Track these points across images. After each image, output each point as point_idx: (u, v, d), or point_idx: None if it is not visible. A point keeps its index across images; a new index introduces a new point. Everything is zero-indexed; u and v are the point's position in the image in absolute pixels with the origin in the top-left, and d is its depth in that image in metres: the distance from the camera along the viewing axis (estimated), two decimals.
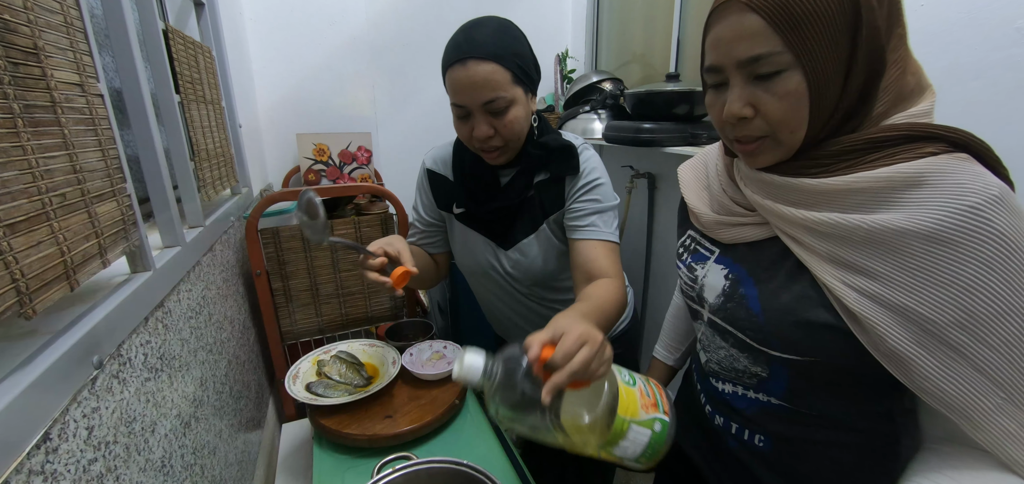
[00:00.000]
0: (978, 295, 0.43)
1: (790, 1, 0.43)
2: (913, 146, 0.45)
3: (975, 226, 0.42)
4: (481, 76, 0.73)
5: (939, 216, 0.43)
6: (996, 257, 0.42)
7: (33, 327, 0.47)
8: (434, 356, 1.07)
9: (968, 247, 0.42)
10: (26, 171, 0.41)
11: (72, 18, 0.51)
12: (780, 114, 0.47)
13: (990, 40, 0.91)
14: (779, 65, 0.45)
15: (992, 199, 0.42)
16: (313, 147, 1.88)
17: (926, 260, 0.44)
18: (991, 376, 0.44)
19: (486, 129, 0.77)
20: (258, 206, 1.13)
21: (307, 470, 0.96)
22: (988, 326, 0.43)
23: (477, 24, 0.76)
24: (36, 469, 0.38)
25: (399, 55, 2.13)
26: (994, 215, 0.42)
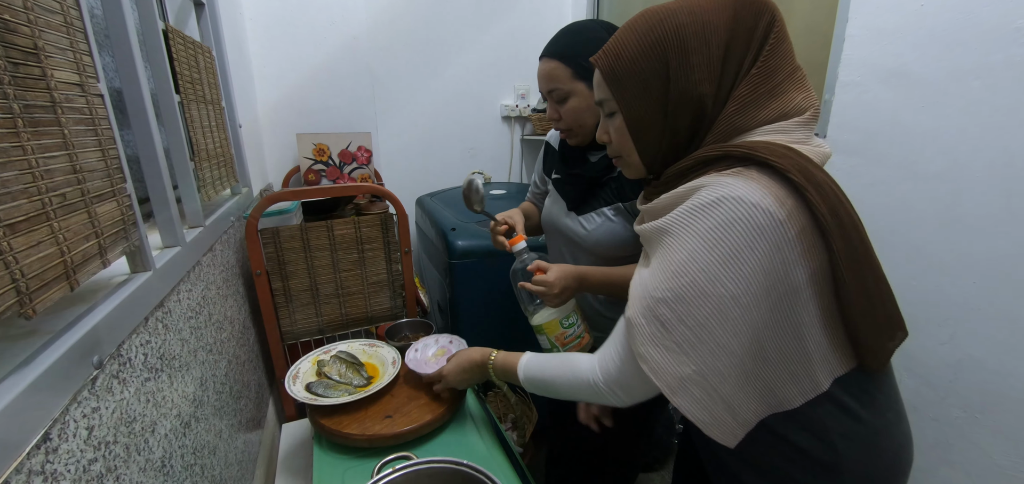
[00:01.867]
0: (681, 279, 0.52)
1: (614, 66, 0.59)
2: (700, 170, 0.56)
3: (688, 222, 0.52)
4: (544, 71, 0.92)
5: (673, 215, 0.54)
6: (699, 249, 0.51)
7: (33, 327, 0.47)
8: (439, 352, 1.06)
9: (681, 238, 0.53)
10: (26, 171, 0.41)
11: (72, 18, 0.51)
12: (616, 141, 0.64)
13: (990, 40, 0.91)
14: (611, 108, 0.63)
15: (711, 201, 0.51)
16: (313, 147, 1.88)
17: (658, 246, 0.56)
18: (685, 350, 0.53)
19: (553, 113, 0.95)
20: (258, 206, 1.13)
21: (307, 470, 0.96)
22: (687, 306, 0.52)
23: (564, 28, 0.94)
24: (36, 469, 0.38)
25: (399, 55, 2.12)
26: (706, 214, 0.51)
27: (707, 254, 0.50)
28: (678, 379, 0.54)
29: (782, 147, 0.52)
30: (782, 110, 0.55)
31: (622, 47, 0.59)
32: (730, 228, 0.50)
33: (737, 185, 0.50)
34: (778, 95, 0.55)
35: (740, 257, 0.50)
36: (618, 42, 0.59)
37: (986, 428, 1.02)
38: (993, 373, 0.99)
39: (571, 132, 0.96)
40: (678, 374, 0.53)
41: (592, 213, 0.96)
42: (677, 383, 0.54)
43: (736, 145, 0.54)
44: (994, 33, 0.90)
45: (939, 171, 1.02)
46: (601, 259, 0.97)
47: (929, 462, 1.13)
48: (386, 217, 1.29)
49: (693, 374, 0.53)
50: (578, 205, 0.99)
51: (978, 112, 0.94)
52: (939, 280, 1.05)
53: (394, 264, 1.33)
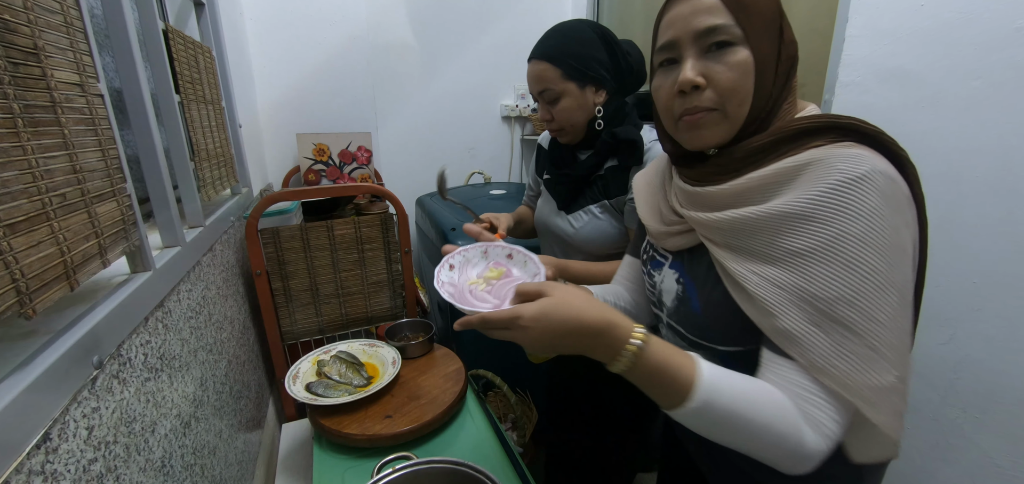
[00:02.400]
0: (861, 270, 0.44)
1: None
2: (802, 141, 0.49)
3: (843, 202, 0.45)
4: (535, 72, 0.93)
5: (810, 195, 0.46)
6: (869, 233, 0.44)
7: (33, 327, 0.47)
8: (492, 273, 0.66)
9: (840, 223, 0.45)
10: (26, 171, 0.41)
11: (72, 18, 0.51)
12: (730, 83, 0.51)
13: (990, 40, 0.91)
14: (731, 36, 0.50)
15: (858, 177, 0.44)
16: (313, 147, 1.88)
17: (806, 238, 0.46)
18: (883, 353, 0.45)
19: (545, 113, 0.96)
20: (258, 206, 1.13)
21: (307, 470, 0.96)
22: (874, 301, 0.44)
23: (550, 29, 0.94)
24: (36, 469, 0.38)
25: (399, 55, 2.12)
26: (860, 193, 0.44)
27: (878, 236, 0.44)
28: (877, 390, 0.45)
29: (860, 120, 0.50)
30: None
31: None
32: (889, 204, 0.44)
33: (870, 157, 0.45)
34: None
35: (901, 236, 0.45)
36: None
37: (986, 428, 1.02)
38: (993, 373, 0.99)
39: (563, 131, 0.96)
40: (877, 385, 0.45)
41: (580, 211, 0.98)
42: (876, 395, 0.45)
43: (840, 117, 0.49)
44: (994, 33, 0.90)
45: (939, 171, 1.02)
46: (590, 256, 0.98)
47: (929, 462, 1.13)
48: (386, 217, 1.29)
49: (896, 381, 0.45)
50: (568, 204, 1.00)
51: (978, 112, 0.94)
52: (939, 280, 1.05)
53: (394, 264, 1.33)
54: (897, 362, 0.45)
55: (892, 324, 0.44)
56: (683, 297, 0.62)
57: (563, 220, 1.00)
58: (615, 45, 0.94)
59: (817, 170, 0.46)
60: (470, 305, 0.56)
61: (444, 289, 0.61)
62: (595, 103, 0.94)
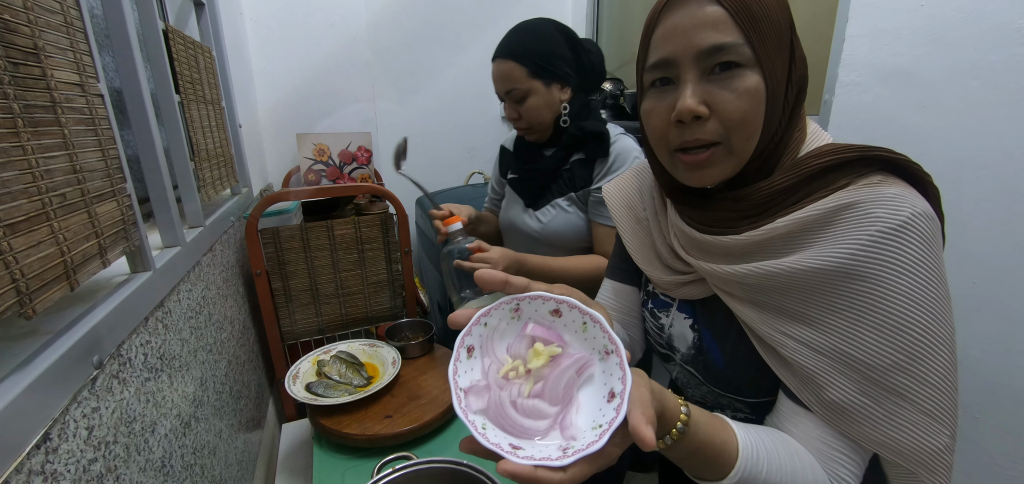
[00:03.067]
0: (912, 332, 0.40)
1: (753, 7, 0.42)
2: (828, 181, 0.44)
3: (889, 256, 0.40)
4: (501, 72, 0.93)
5: (850, 249, 0.41)
6: (917, 288, 0.40)
7: (33, 327, 0.47)
8: (540, 354, 0.40)
9: (889, 280, 0.40)
10: (26, 171, 0.41)
11: (72, 18, 0.51)
12: (739, 113, 0.43)
13: (990, 40, 0.91)
14: (741, 57, 0.42)
15: (900, 225, 0.39)
16: (313, 147, 1.88)
17: (851, 300, 0.41)
18: (938, 416, 0.41)
19: (512, 112, 0.96)
20: (258, 206, 1.13)
21: (307, 470, 0.96)
22: (927, 363, 0.41)
23: (513, 28, 0.94)
24: (36, 469, 0.38)
25: (399, 55, 2.12)
26: (905, 243, 0.40)
27: (928, 291, 0.40)
28: (934, 453, 0.42)
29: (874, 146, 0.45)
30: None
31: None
32: (932, 249, 0.40)
33: (907, 196, 0.41)
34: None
35: (944, 284, 0.41)
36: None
37: (986, 428, 1.02)
38: (993, 373, 0.99)
39: (531, 129, 0.97)
40: (933, 447, 0.42)
41: (548, 206, 0.99)
42: (934, 459, 0.42)
43: (862, 147, 0.43)
44: (994, 33, 0.90)
45: (939, 171, 1.01)
46: (559, 250, 0.99)
47: None
48: (386, 217, 1.29)
49: (949, 441, 0.42)
50: (535, 200, 1.02)
51: (978, 112, 0.94)
52: None
53: (394, 264, 1.33)
54: (950, 421, 0.42)
55: (944, 384, 0.41)
56: (701, 347, 0.56)
57: (530, 217, 1.01)
58: (577, 43, 0.95)
59: (853, 217, 0.41)
60: (520, 434, 0.37)
61: (469, 410, 0.38)
62: (561, 100, 0.95)
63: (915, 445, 0.42)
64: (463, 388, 0.39)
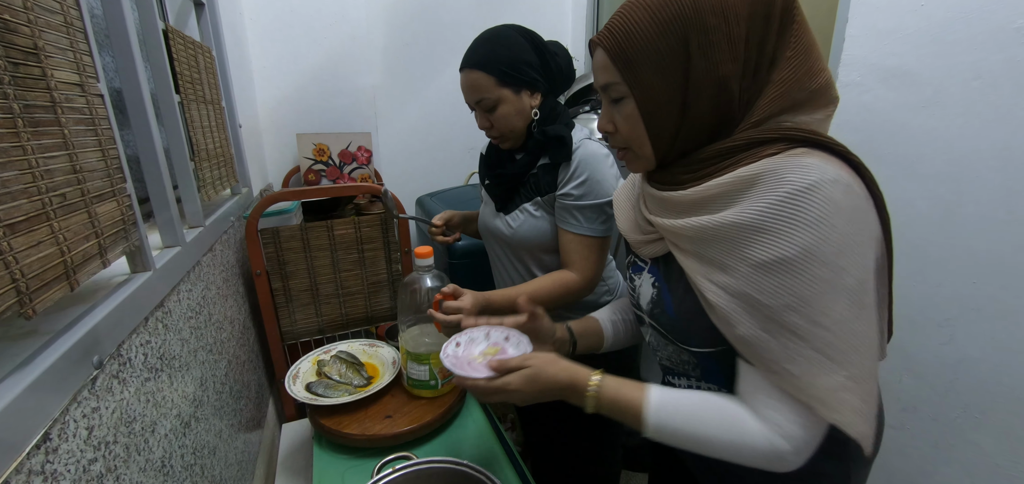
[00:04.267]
0: (803, 278, 0.47)
1: (624, 44, 0.53)
2: (757, 150, 0.51)
3: (791, 213, 0.46)
4: (469, 82, 0.93)
5: (761, 206, 0.48)
6: (814, 242, 0.46)
7: (33, 327, 0.47)
8: (490, 350, 0.76)
9: (788, 233, 0.47)
10: (26, 171, 0.41)
11: (72, 18, 0.51)
12: (627, 132, 0.58)
13: (990, 40, 0.91)
14: (620, 93, 0.56)
15: (807, 186, 0.46)
16: (313, 147, 1.88)
17: (757, 249, 0.49)
18: (830, 356, 0.47)
19: (483, 121, 0.96)
20: (258, 206, 1.13)
21: (307, 470, 0.96)
22: (818, 307, 0.47)
23: (479, 37, 0.94)
24: (36, 469, 0.38)
25: (399, 55, 2.12)
26: (808, 202, 0.46)
27: (823, 244, 0.46)
28: (830, 390, 0.48)
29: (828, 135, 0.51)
30: (820, 91, 0.52)
31: (632, 25, 0.53)
32: (838, 212, 0.46)
33: (820, 165, 0.47)
34: (816, 74, 0.52)
35: (854, 241, 0.46)
36: (627, 19, 0.53)
37: (986, 428, 1.02)
38: (993, 373, 0.99)
39: (503, 138, 0.98)
40: (829, 385, 0.48)
41: (516, 211, 0.99)
42: (831, 395, 0.48)
43: (793, 127, 0.50)
44: (994, 33, 0.91)
45: (939, 171, 1.02)
46: (528, 253, 1.01)
47: (929, 462, 1.13)
48: (386, 217, 1.29)
49: (846, 380, 0.47)
50: (505, 204, 1.02)
51: (978, 112, 0.94)
52: (939, 280, 1.05)
53: (394, 264, 1.33)
54: (847, 362, 0.47)
55: (839, 328, 0.47)
56: (658, 300, 0.65)
57: (501, 221, 1.02)
58: (543, 47, 0.95)
59: (770, 181, 0.48)
60: (467, 372, 0.66)
61: (448, 361, 0.70)
62: (531, 106, 0.95)
63: (809, 380, 0.48)
64: (448, 353, 0.70)
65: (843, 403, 0.48)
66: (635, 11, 0.53)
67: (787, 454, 0.52)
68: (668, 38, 0.51)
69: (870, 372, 0.49)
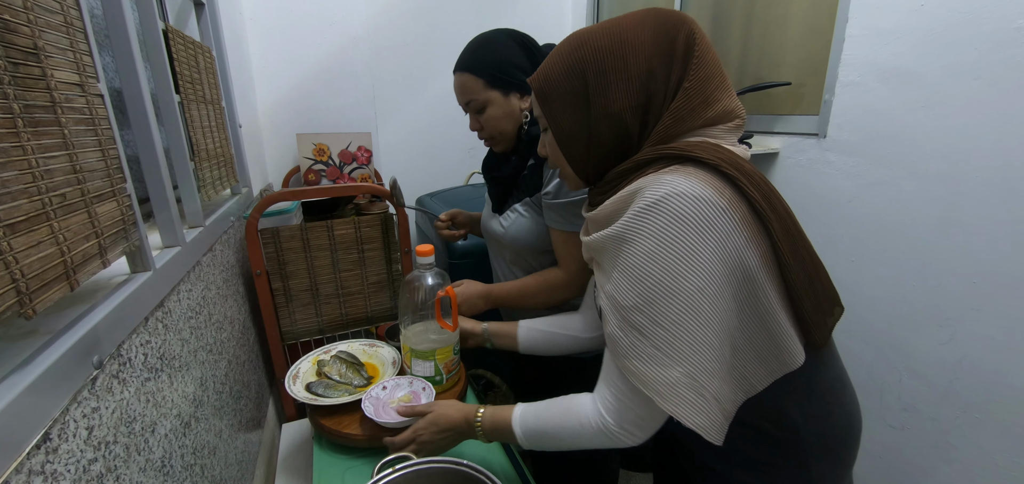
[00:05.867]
0: (646, 282, 0.53)
1: (542, 85, 0.63)
2: (640, 171, 0.57)
3: (640, 224, 0.53)
4: (458, 84, 0.96)
5: (626, 219, 0.55)
6: (655, 250, 0.52)
7: (33, 327, 0.47)
8: (405, 398, 0.93)
9: (638, 242, 0.53)
10: (26, 171, 0.41)
11: (72, 18, 0.51)
12: (552, 156, 0.68)
13: (990, 40, 0.91)
14: (543, 125, 0.67)
15: (655, 200, 0.52)
16: (313, 147, 1.88)
17: (618, 256, 0.56)
18: (668, 353, 0.52)
19: (474, 123, 0.99)
20: (258, 206, 1.13)
21: (307, 470, 0.96)
22: (658, 308, 0.52)
23: (471, 41, 0.97)
24: (36, 469, 0.38)
25: (399, 55, 2.12)
26: (653, 214, 0.52)
27: (664, 252, 0.51)
28: (667, 385, 0.53)
29: (711, 145, 0.56)
30: (716, 116, 0.57)
31: (549, 68, 0.62)
32: (680, 223, 0.51)
33: (676, 181, 0.52)
34: (712, 103, 0.57)
35: (695, 249, 0.51)
36: (548, 63, 0.63)
37: (986, 428, 1.02)
38: (993, 373, 0.99)
39: (494, 139, 1.00)
40: (665, 379, 0.53)
41: (508, 211, 1.01)
42: (667, 389, 0.53)
43: (670, 147, 0.56)
44: (994, 33, 0.91)
45: (939, 171, 1.02)
46: (520, 253, 1.02)
47: (929, 462, 1.13)
48: (386, 217, 1.29)
49: (681, 376, 0.52)
50: (500, 206, 1.04)
51: (978, 112, 0.94)
52: (939, 280, 1.05)
53: (394, 264, 1.33)
54: (683, 360, 0.52)
55: (676, 328, 0.52)
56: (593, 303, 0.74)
57: (495, 222, 1.04)
58: (535, 50, 0.96)
59: (635, 197, 0.55)
60: (381, 418, 0.85)
61: (367, 401, 0.88)
62: (522, 109, 0.96)
63: (649, 374, 0.54)
64: (371, 394, 0.92)
65: (677, 395, 0.53)
66: (553, 56, 0.62)
67: (611, 428, 0.60)
68: (572, 80, 0.60)
69: (708, 370, 0.52)
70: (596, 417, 0.61)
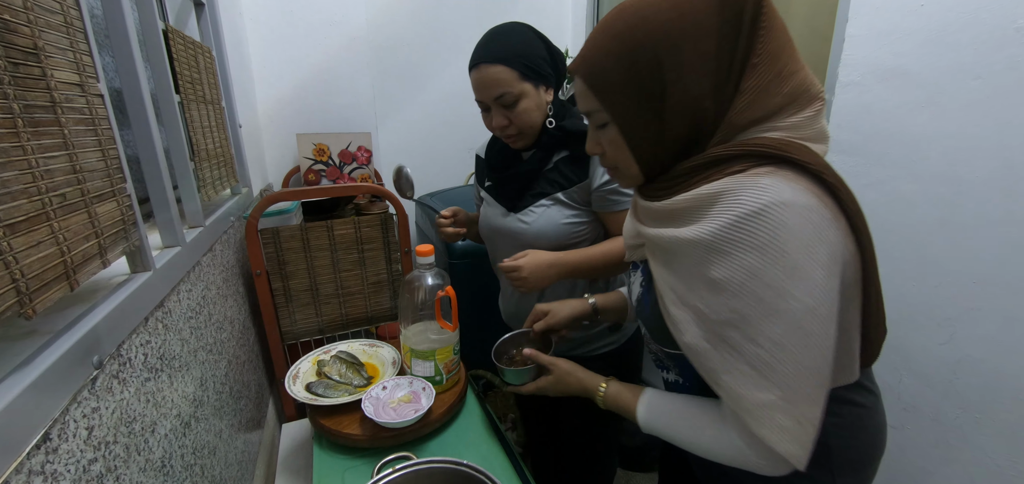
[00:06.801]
0: (745, 298, 0.48)
1: (599, 74, 0.54)
2: (722, 168, 0.51)
3: (741, 235, 0.47)
4: (491, 77, 0.89)
5: (716, 226, 0.49)
6: (759, 265, 0.46)
7: (33, 327, 0.47)
8: (405, 398, 0.93)
9: (735, 255, 0.48)
10: (26, 171, 0.41)
11: (72, 18, 0.51)
12: (611, 156, 0.60)
13: (990, 40, 0.91)
14: (602, 120, 0.57)
15: (758, 209, 0.46)
16: (313, 147, 1.88)
17: (706, 266, 0.50)
18: (765, 374, 0.48)
19: (501, 120, 0.93)
20: (258, 206, 1.13)
21: (307, 470, 0.96)
22: (757, 327, 0.48)
23: (491, 33, 0.93)
24: (36, 469, 0.38)
25: (399, 55, 2.12)
26: (756, 225, 0.46)
27: (770, 268, 0.46)
28: (760, 406, 0.48)
29: (801, 145, 0.49)
30: (793, 93, 0.50)
31: (603, 53, 0.53)
32: (789, 236, 0.45)
33: (779, 187, 0.46)
34: (787, 77, 0.50)
35: (806, 265, 0.46)
36: (599, 47, 0.54)
37: (986, 428, 1.02)
38: (992, 373, 0.99)
39: (521, 134, 0.94)
40: (759, 400, 0.48)
41: (530, 208, 0.98)
42: (760, 410, 0.48)
43: (757, 142, 0.49)
44: (994, 33, 0.90)
45: (939, 171, 1.02)
46: (546, 248, 0.98)
47: (929, 462, 1.13)
48: (386, 217, 1.29)
49: (778, 400, 0.48)
50: (515, 204, 1.00)
51: (978, 112, 0.94)
52: (939, 280, 1.05)
53: (394, 264, 1.33)
54: (782, 384, 0.48)
55: (776, 349, 0.47)
56: (641, 299, 0.68)
57: (513, 220, 1.00)
58: (549, 43, 0.95)
59: (726, 200, 0.48)
60: (382, 418, 0.85)
61: (367, 401, 0.88)
62: (547, 102, 0.95)
63: (742, 393, 0.50)
64: (370, 393, 0.92)
65: (771, 420, 0.48)
66: (605, 39, 0.53)
67: (751, 459, 0.54)
68: (637, 65, 0.51)
69: (809, 397, 0.48)
70: (731, 443, 0.55)
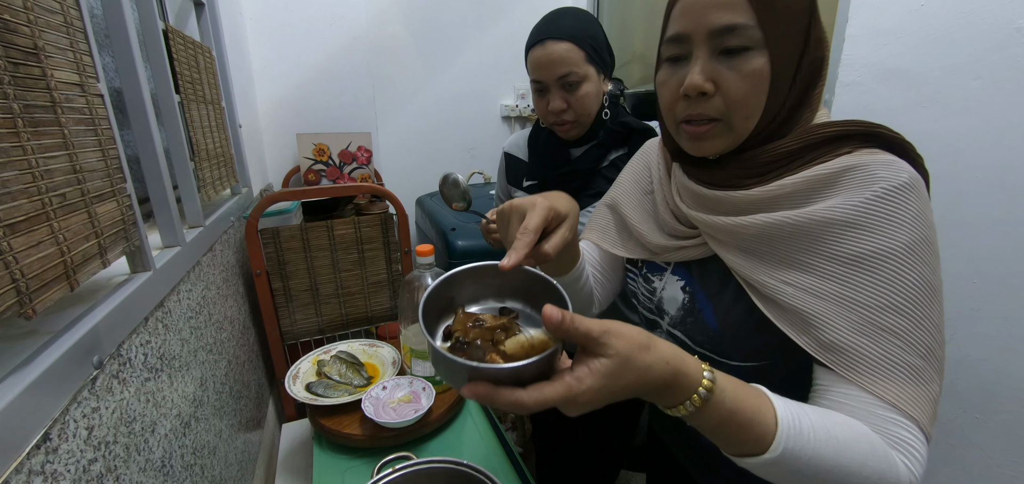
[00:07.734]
0: (908, 278, 0.43)
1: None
2: (831, 148, 0.47)
3: (889, 209, 0.43)
4: (558, 54, 0.83)
5: (855, 202, 0.44)
6: (915, 241, 0.43)
7: (33, 327, 0.47)
8: (405, 398, 0.92)
9: (888, 229, 0.43)
10: (26, 171, 0.41)
11: (72, 18, 0.51)
12: (741, 95, 0.46)
13: (990, 40, 0.91)
14: (750, 41, 0.45)
15: (902, 185, 0.43)
16: (313, 147, 1.88)
17: (850, 244, 0.44)
18: (929, 362, 0.43)
19: (560, 103, 0.87)
20: (258, 206, 1.13)
21: (307, 470, 0.96)
22: (921, 309, 0.43)
23: (557, 12, 0.87)
24: (36, 469, 0.38)
25: (399, 55, 2.12)
26: (906, 201, 0.43)
27: (924, 245, 0.43)
28: (926, 398, 0.43)
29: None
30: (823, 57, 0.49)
31: None
32: (929, 212, 0.44)
33: (906, 165, 0.45)
34: (825, 42, 0.50)
35: (936, 244, 0.45)
36: None
37: (986, 428, 1.02)
38: (993, 373, 0.99)
39: (577, 123, 0.89)
40: (930, 395, 0.43)
41: (589, 208, 0.92)
42: (932, 407, 0.43)
43: (865, 124, 0.47)
44: (994, 33, 0.90)
45: (939, 171, 1.01)
46: None
47: (929, 462, 1.13)
48: (386, 217, 1.29)
49: (938, 392, 0.44)
50: None
51: (978, 112, 0.94)
52: None
53: (394, 264, 1.33)
54: (940, 371, 0.44)
55: (937, 332, 0.43)
56: (692, 308, 0.58)
57: None
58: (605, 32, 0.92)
59: (857, 176, 0.44)
60: (381, 418, 0.83)
61: (367, 401, 0.85)
62: (604, 92, 0.90)
63: (912, 395, 0.43)
64: (370, 393, 0.89)
65: (933, 418, 0.43)
66: None
67: (921, 477, 0.44)
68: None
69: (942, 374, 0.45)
70: (899, 464, 0.42)
